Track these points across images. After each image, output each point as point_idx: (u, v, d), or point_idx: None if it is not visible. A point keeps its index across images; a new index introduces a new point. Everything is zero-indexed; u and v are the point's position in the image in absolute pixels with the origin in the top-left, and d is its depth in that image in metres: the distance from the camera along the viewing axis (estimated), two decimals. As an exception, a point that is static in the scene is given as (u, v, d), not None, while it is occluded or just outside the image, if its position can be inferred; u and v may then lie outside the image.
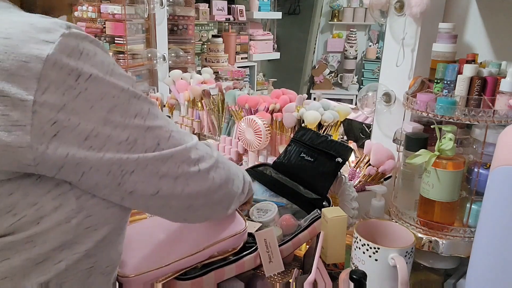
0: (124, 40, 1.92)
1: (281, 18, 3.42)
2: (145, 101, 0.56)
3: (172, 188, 0.58)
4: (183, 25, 2.28)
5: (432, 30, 0.99)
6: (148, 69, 2.10)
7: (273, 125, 1.33)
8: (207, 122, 1.64)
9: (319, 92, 3.26)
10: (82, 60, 0.48)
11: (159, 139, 0.56)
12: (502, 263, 0.61)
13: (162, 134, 0.57)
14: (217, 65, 2.69)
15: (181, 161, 0.58)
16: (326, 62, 3.97)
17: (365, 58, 4.00)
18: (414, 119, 1.01)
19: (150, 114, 0.56)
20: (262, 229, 0.87)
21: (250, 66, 3.12)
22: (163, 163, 0.56)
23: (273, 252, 0.81)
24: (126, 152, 0.52)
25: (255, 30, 3.25)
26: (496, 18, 1.03)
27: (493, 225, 0.64)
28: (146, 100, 0.56)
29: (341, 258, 0.88)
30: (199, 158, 0.61)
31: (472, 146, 0.90)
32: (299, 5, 3.82)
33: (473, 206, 0.86)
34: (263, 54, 3.27)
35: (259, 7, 3.19)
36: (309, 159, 1.05)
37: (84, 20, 2.01)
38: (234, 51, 3.00)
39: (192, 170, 0.60)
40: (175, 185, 0.58)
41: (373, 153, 1.13)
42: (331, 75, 3.97)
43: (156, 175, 0.56)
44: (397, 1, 1.05)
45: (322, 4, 3.84)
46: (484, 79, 0.84)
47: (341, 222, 0.85)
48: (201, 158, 0.62)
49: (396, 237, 0.82)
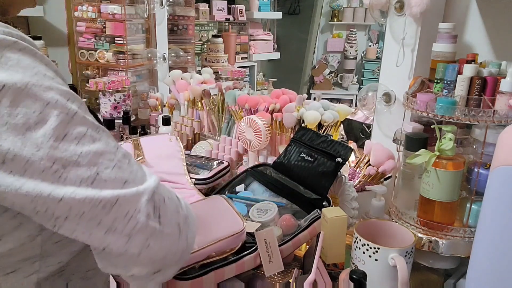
0: (124, 40, 1.92)
1: (281, 18, 3.42)
2: (83, 120, 0.45)
3: (123, 247, 0.46)
4: (183, 25, 2.28)
5: (432, 30, 0.99)
6: (148, 69, 2.10)
7: (273, 125, 1.33)
8: (207, 122, 1.64)
9: (319, 92, 3.26)
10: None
11: (98, 169, 0.44)
12: (502, 263, 0.61)
13: (103, 163, 0.45)
14: (217, 65, 2.69)
15: (134, 210, 0.45)
16: (326, 62, 3.97)
17: (365, 58, 3.99)
18: (414, 119, 1.01)
19: (88, 136, 0.45)
20: (262, 229, 0.87)
21: (250, 66, 3.12)
22: (105, 211, 0.44)
23: (273, 252, 0.81)
24: (51, 183, 0.42)
25: (255, 30, 3.25)
26: (496, 18, 1.03)
27: (493, 225, 0.64)
28: (84, 119, 0.46)
29: (341, 258, 0.88)
30: (160, 207, 0.48)
31: (472, 146, 0.90)
32: (299, 5, 3.82)
33: (473, 206, 0.86)
34: (263, 54, 3.27)
35: (259, 7, 3.19)
36: (309, 159, 1.05)
37: (84, 20, 2.01)
38: (234, 51, 3.00)
39: (152, 225, 0.47)
40: (129, 245, 0.46)
41: (373, 153, 1.13)
42: (331, 75, 3.97)
43: (99, 227, 0.44)
44: (397, 1, 1.05)
45: (322, 4, 3.83)
46: (484, 79, 0.84)
47: (341, 222, 0.85)
48: (163, 207, 0.49)
49: (396, 237, 0.82)
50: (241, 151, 1.40)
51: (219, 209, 0.87)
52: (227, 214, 0.85)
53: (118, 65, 1.98)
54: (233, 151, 1.40)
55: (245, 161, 1.38)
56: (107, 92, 1.78)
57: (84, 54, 2.04)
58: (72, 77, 2.26)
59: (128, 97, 1.84)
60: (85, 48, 2.04)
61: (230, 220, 0.82)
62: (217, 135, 1.59)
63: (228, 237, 0.78)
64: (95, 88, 1.79)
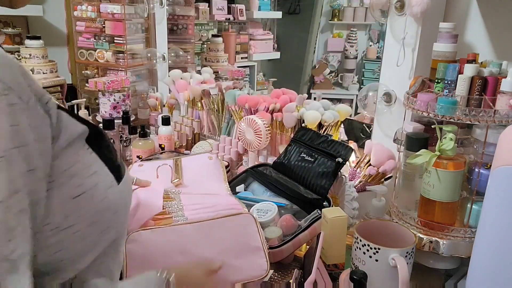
0: (124, 39, 1.91)
1: (281, 18, 3.42)
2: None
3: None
4: (183, 25, 2.28)
5: (433, 30, 0.99)
6: (148, 69, 2.10)
7: (273, 125, 1.33)
8: (207, 122, 1.64)
9: (319, 92, 3.26)
10: None
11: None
12: (503, 263, 0.61)
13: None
14: (217, 64, 2.68)
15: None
16: (326, 62, 3.96)
17: (366, 57, 3.99)
18: (414, 119, 1.01)
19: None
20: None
21: (250, 66, 3.12)
22: None
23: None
24: None
25: (255, 30, 3.25)
26: (496, 18, 1.03)
27: (493, 225, 0.63)
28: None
29: (342, 259, 0.88)
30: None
31: (472, 146, 0.90)
32: (299, 5, 3.82)
33: (473, 206, 0.86)
34: (263, 54, 3.26)
35: (259, 7, 3.19)
36: (309, 159, 1.05)
37: (84, 19, 2.01)
38: (234, 51, 2.99)
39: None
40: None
41: (373, 153, 1.13)
42: (331, 75, 3.97)
43: None
44: (398, 1, 1.05)
45: (323, 4, 3.83)
46: (484, 79, 0.84)
47: (341, 222, 0.85)
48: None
49: (396, 238, 0.82)
50: (241, 151, 1.39)
51: (245, 235, 0.81)
52: (252, 245, 0.79)
53: (118, 65, 1.98)
54: (233, 151, 1.40)
55: (245, 161, 1.38)
56: (107, 92, 1.78)
57: (83, 53, 2.03)
58: (72, 77, 2.26)
59: (128, 97, 1.84)
60: (84, 47, 2.04)
61: (253, 260, 0.77)
62: (217, 135, 1.59)
63: (246, 282, 0.74)
64: (95, 88, 1.78)
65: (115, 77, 1.90)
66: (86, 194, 0.49)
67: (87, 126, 0.52)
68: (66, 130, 0.48)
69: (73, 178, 0.48)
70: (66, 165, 0.48)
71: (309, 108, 1.27)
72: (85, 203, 0.49)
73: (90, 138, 0.52)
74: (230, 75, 2.36)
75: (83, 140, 0.51)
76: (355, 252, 0.80)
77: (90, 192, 0.50)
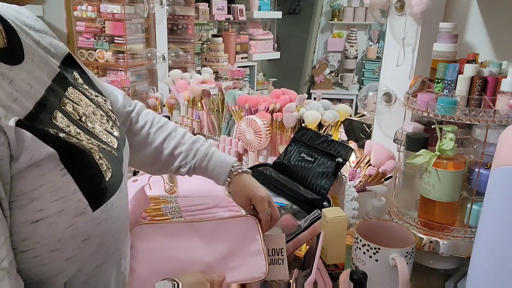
0: (124, 39, 1.91)
1: (281, 18, 3.42)
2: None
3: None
4: (182, 25, 2.28)
5: (433, 30, 0.99)
6: (148, 69, 2.10)
7: (273, 125, 1.33)
8: (207, 122, 1.64)
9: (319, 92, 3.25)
10: None
11: None
12: (503, 263, 0.61)
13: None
14: (217, 64, 2.68)
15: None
16: (327, 62, 3.96)
17: (366, 57, 3.99)
18: (414, 119, 1.01)
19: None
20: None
21: (250, 66, 3.12)
22: None
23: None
24: None
25: (255, 30, 3.25)
26: (496, 18, 1.03)
27: (493, 225, 0.63)
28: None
29: (342, 259, 0.88)
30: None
31: (472, 146, 0.90)
32: (299, 5, 3.81)
33: (473, 206, 0.86)
34: (263, 54, 3.26)
35: (259, 7, 3.18)
36: (309, 159, 1.05)
37: (84, 19, 2.01)
38: (234, 51, 2.99)
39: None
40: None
41: (373, 153, 1.13)
42: (331, 75, 3.97)
43: None
44: (398, 1, 1.05)
45: (323, 4, 3.83)
46: (484, 79, 0.84)
47: (341, 222, 0.85)
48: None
49: (396, 238, 0.82)
50: (241, 151, 1.39)
51: (246, 237, 0.81)
52: (253, 248, 0.79)
53: (118, 65, 1.98)
54: (233, 151, 1.40)
55: (245, 161, 1.38)
56: (107, 92, 1.78)
57: (83, 53, 2.03)
58: (72, 77, 2.25)
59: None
60: (84, 47, 2.04)
61: (253, 262, 0.77)
62: (217, 135, 1.59)
63: (247, 282, 0.74)
64: (95, 88, 1.78)
65: (115, 77, 1.90)
66: (46, 220, 0.46)
67: (63, 147, 0.48)
68: (28, 151, 0.45)
69: (35, 201, 0.45)
70: (28, 187, 0.45)
71: (309, 108, 1.27)
72: (45, 229, 0.46)
73: (66, 159, 0.48)
74: (230, 75, 2.36)
75: (55, 161, 0.47)
76: (355, 252, 0.80)
77: (52, 218, 0.46)
